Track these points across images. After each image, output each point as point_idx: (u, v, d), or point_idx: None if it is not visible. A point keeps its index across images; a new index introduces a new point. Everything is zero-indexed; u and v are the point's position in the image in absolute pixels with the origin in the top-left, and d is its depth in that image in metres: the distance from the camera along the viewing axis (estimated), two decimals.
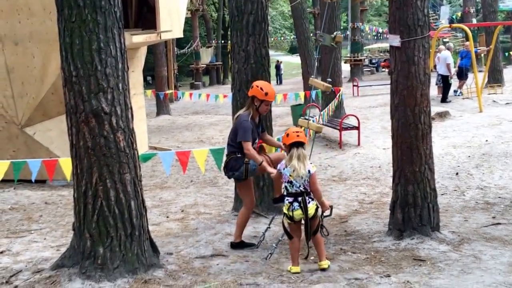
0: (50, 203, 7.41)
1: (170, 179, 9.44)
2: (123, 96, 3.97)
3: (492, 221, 5.67)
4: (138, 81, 10.48)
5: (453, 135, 10.88)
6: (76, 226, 4.11)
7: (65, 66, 3.86)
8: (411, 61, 4.75)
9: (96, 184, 3.91)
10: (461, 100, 14.92)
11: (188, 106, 20.94)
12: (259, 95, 4.73)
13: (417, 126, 4.82)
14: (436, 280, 3.99)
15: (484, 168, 8.42)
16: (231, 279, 4.09)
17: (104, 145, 3.87)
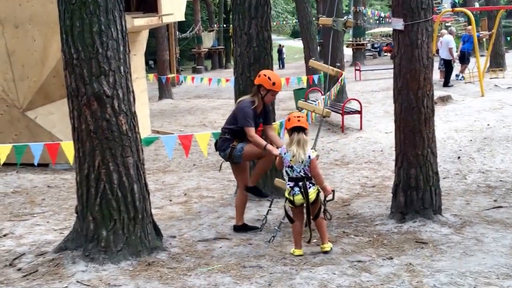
0: (52, 186, 7.40)
1: (173, 162, 9.42)
2: (124, 79, 3.92)
3: (493, 204, 5.66)
4: (140, 64, 10.40)
5: (455, 119, 10.83)
6: (79, 209, 4.09)
7: (66, 48, 3.80)
8: (414, 44, 4.69)
9: (98, 167, 3.88)
10: (463, 84, 14.82)
11: (191, 90, 20.83)
12: (267, 84, 4.63)
13: (420, 110, 4.77)
14: (438, 262, 3.98)
15: (485, 152, 8.38)
16: (234, 262, 4.09)
17: (106, 128, 3.83)
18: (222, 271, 3.89)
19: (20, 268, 4.03)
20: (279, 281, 3.67)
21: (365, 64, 23.18)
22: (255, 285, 3.62)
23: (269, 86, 4.63)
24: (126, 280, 3.69)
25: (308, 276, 3.73)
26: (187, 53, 32.93)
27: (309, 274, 3.77)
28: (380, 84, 15.75)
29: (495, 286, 3.51)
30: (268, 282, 3.66)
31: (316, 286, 3.57)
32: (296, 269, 3.89)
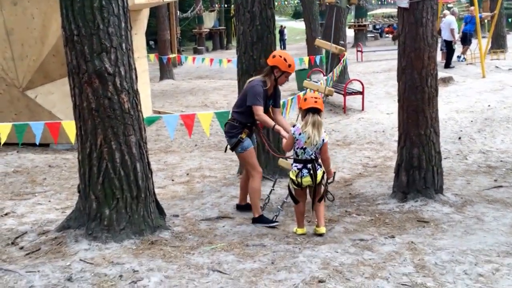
0: (54, 166, 7.37)
1: (174, 143, 9.38)
2: (126, 56, 3.84)
3: (494, 184, 5.65)
4: (141, 44, 10.26)
5: (456, 100, 10.77)
6: (81, 188, 4.06)
7: (66, 24, 3.71)
8: (419, 22, 4.62)
9: (101, 146, 3.83)
10: (464, 65, 14.71)
11: (192, 71, 20.68)
12: (283, 66, 4.45)
13: (423, 89, 4.71)
14: (440, 240, 3.98)
15: (486, 132, 8.35)
16: (237, 241, 4.08)
17: (108, 106, 3.77)
18: (225, 249, 3.89)
19: (23, 247, 4.02)
20: (282, 259, 3.67)
21: (366, 45, 22.97)
22: (258, 263, 3.61)
23: (284, 68, 4.47)
24: (130, 259, 3.68)
25: (311, 254, 3.73)
26: (188, 33, 32.61)
27: (312, 252, 3.77)
28: (382, 66, 15.63)
29: (495, 263, 3.51)
30: (271, 260, 3.66)
31: (319, 264, 3.57)
32: (299, 248, 3.88)
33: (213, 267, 3.56)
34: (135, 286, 3.30)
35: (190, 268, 3.56)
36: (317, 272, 3.43)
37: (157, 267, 3.55)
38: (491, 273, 3.38)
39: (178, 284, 3.32)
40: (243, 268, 3.55)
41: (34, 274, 3.43)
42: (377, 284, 3.26)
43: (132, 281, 3.35)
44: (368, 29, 26.18)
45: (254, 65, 5.49)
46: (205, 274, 3.46)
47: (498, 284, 3.23)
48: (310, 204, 4.29)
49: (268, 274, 3.44)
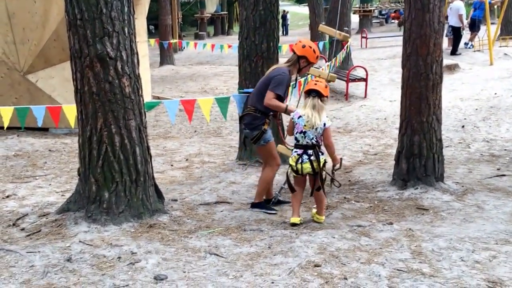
0: (54, 150, 7.48)
1: (173, 129, 9.48)
2: (129, 40, 3.91)
3: (496, 173, 5.72)
4: (142, 28, 10.29)
5: (461, 88, 10.80)
6: (81, 171, 4.16)
7: (69, 9, 3.79)
8: (426, 8, 4.64)
9: (101, 129, 3.92)
10: (471, 52, 14.67)
11: (193, 57, 20.70)
12: (311, 57, 4.40)
13: (428, 76, 4.76)
14: (438, 228, 4.06)
15: (491, 121, 8.40)
16: (235, 225, 4.18)
17: (109, 90, 3.85)
18: (222, 234, 3.99)
19: (24, 228, 4.13)
20: (278, 244, 3.76)
21: (371, 31, 22.88)
22: (255, 248, 3.71)
23: (313, 59, 4.42)
24: (128, 241, 3.78)
25: (307, 239, 3.82)
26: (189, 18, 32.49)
27: (309, 237, 3.86)
28: (387, 52, 15.62)
29: (493, 251, 3.60)
30: (268, 244, 3.76)
31: (315, 249, 3.66)
32: (296, 233, 3.98)
33: (210, 250, 3.66)
34: (133, 267, 3.41)
35: (187, 251, 3.66)
36: (313, 257, 3.53)
37: (155, 249, 3.66)
38: (488, 260, 3.47)
39: (175, 266, 3.42)
40: (240, 252, 3.65)
41: (35, 255, 3.55)
42: (373, 269, 3.35)
43: (130, 263, 3.46)
44: (373, 15, 26.04)
45: (255, 50, 5.55)
46: (202, 257, 3.56)
47: (494, 271, 3.31)
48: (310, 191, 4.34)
49: (265, 258, 3.54)
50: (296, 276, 3.26)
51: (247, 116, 4.49)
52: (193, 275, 3.31)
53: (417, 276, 3.23)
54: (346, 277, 3.25)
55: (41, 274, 3.30)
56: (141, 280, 3.24)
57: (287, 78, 4.36)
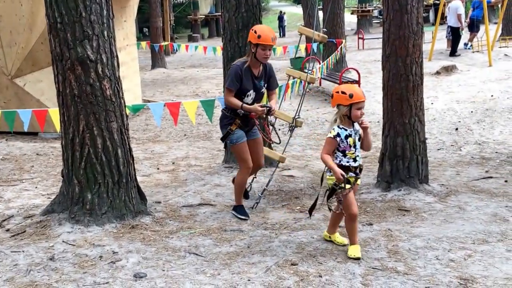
0: (41, 154, 7.70)
1: (163, 133, 9.71)
2: (108, 43, 4.14)
3: (484, 175, 5.93)
4: (130, 31, 10.54)
5: (458, 90, 11.02)
6: (64, 172, 4.39)
7: (50, 12, 4.02)
8: (403, 9, 4.87)
9: (83, 131, 4.15)
10: (470, 54, 14.88)
11: (185, 60, 20.98)
12: (252, 38, 4.37)
13: (408, 77, 4.99)
14: (417, 228, 4.28)
15: (485, 123, 8.63)
16: (216, 226, 4.40)
17: (90, 93, 4.08)
18: (203, 234, 4.21)
19: (9, 229, 4.36)
20: (258, 243, 3.98)
21: (370, 32, 23.17)
22: (234, 247, 3.93)
23: (254, 40, 4.35)
24: (110, 241, 4.01)
25: (286, 239, 4.05)
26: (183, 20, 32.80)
27: (288, 238, 4.09)
28: None
29: (469, 250, 3.82)
30: (247, 244, 3.98)
31: (293, 248, 3.88)
32: (276, 233, 4.20)
33: (190, 250, 3.89)
34: (114, 266, 3.63)
35: (167, 250, 3.88)
36: (291, 256, 3.75)
37: (136, 249, 3.88)
38: (463, 259, 3.68)
39: (154, 265, 3.64)
40: (219, 251, 3.87)
41: (19, 254, 3.78)
42: (348, 267, 3.57)
43: (111, 261, 3.68)
44: (373, 15, 26.35)
45: (239, 53, 5.74)
46: (181, 256, 3.78)
47: (468, 269, 3.53)
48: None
49: (243, 257, 3.76)
50: (273, 274, 3.48)
51: (221, 113, 4.63)
52: (172, 273, 3.53)
53: (391, 274, 3.45)
54: (321, 275, 3.47)
55: (24, 272, 3.53)
56: (121, 278, 3.45)
57: (234, 70, 4.37)
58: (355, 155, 3.74)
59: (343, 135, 3.70)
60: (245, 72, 4.43)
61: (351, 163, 3.73)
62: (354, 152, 3.74)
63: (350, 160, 3.73)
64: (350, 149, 3.72)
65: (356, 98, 3.63)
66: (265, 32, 4.38)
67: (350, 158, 3.73)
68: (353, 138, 3.73)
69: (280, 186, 5.59)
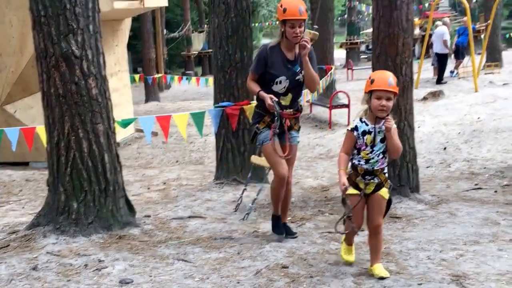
0: (31, 180, 7.58)
1: (155, 160, 9.65)
2: (94, 39, 4.03)
3: (474, 187, 5.88)
4: (122, 56, 10.52)
5: (445, 114, 11.07)
6: (50, 181, 4.26)
7: (33, 5, 3.92)
8: (393, 5, 4.74)
9: (68, 134, 4.02)
10: (457, 80, 15.04)
11: (179, 95, 21.06)
12: (279, 14, 3.73)
13: (398, 78, 4.85)
14: (409, 232, 4.20)
15: (473, 143, 8.62)
16: (206, 236, 4.28)
17: (75, 91, 3.96)
18: (192, 243, 4.09)
19: None
20: (248, 250, 3.87)
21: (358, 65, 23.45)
22: (224, 254, 3.82)
23: (281, 16, 3.72)
24: (96, 251, 3.87)
25: (277, 245, 3.94)
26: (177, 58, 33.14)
27: (279, 243, 3.98)
28: None
29: (460, 250, 3.73)
30: (237, 251, 3.86)
31: (284, 253, 3.78)
32: (267, 240, 4.09)
33: (178, 257, 3.76)
34: (99, 273, 3.50)
35: (155, 258, 3.76)
36: (282, 260, 3.65)
37: (123, 257, 3.75)
38: (455, 258, 3.60)
39: (141, 272, 3.51)
40: (208, 257, 3.75)
41: (1, 265, 3.64)
42: (340, 268, 3.47)
43: (97, 269, 3.55)
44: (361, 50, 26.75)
45: (229, 60, 5.65)
46: (169, 263, 3.66)
47: (460, 267, 3.44)
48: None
49: (233, 262, 3.64)
50: (263, 277, 3.37)
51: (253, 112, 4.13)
52: (159, 278, 3.40)
53: None
54: (312, 276, 3.36)
55: (5, 282, 3.39)
56: (106, 284, 3.33)
57: (259, 51, 3.87)
58: (369, 156, 3.19)
59: (361, 130, 3.20)
60: (274, 54, 3.79)
61: (362, 164, 3.21)
62: (370, 153, 3.19)
63: (362, 161, 3.21)
64: (366, 148, 3.20)
65: (376, 85, 3.09)
66: (291, 4, 3.70)
67: (362, 158, 3.21)
68: (372, 136, 3.18)
69: None
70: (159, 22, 19.47)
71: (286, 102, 3.89)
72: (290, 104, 3.91)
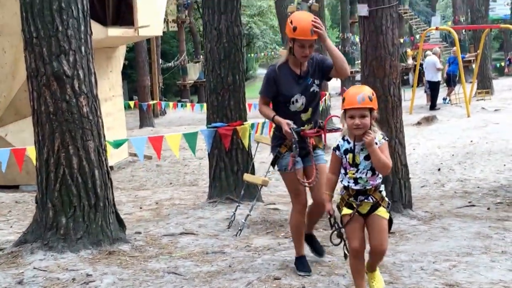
0: (21, 202, 7.50)
1: (148, 182, 9.58)
2: (86, 60, 4.06)
3: (467, 204, 5.86)
4: (116, 82, 10.62)
5: (439, 137, 11.16)
6: (38, 198, 4.20)
7: (25, 27, 3.96)
8: (379, 30, 4.92)
9: (58, 151, 3.99)
10: (449, 107, 15.24)
11: (174, 121, 21.13)
12: (288, 30, 3.42)
13: (386, 98, 4.98)
14: (402, 246, 4.16)
15: (466, 164, 8.65)
16: (197, 251, 4.21)
17: (66, 110, 3.96)
18: (184, 257, 4.02)
19: None
20: (240, 263, 3.81)
21: None
22: (215, 267, 3.75)
23: (290, 33, 3.41)
24: (85, 266, 3.79)
25: (270, 258, 3.88)
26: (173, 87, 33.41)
27: (271, 257, 3.92)
28: None
29: (453, 261, 3.69)
30: (229, 264, 3.80)
31: (277, 265, 3.72)
32: (259, 254, 4.03)
33: (169, 270, 3.69)
34: (87, 287, 3.42)
35: (145, 272, 3.69)
36: (274, 272, 3.58)
37: (112, 271, 3.68)
38: (448, 269, 3.55)
39: (131, 285, 3.44)
40: (200, 270, 3.68)
41: None
42: (332, 279, 3.41)
43: (84, 282, 3.48)
44: (356, 79, 27.05)
45: (222, 83, 5.72)
46: (159, 276, 3.59)
47: (453, 277, 3.39)
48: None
49: (224, 275, 3.58)
50: None
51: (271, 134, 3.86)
52: None
53: None
54: (304, 287, 3.30)
55: None
56: None
57: (267, 74, 3.61)
58: (356, 175, 3.00)
59: (343, 148, 3.03)
60: (283, 73, 3.55)
61: (352, 184, 3.01)
62: (356, 172, 3.00)
63: (351, 181, 3.01)
64: (351, 168, 3.01)
65: (347, 104, 2.96)
66: (302, 22, 3.38)
67: (350, 178, 3.01)
68: (354, 154, 3.00)
69: (265, 217, 5.43)
70: (154, 52, 19.70)
71: (307, 116, 3.59)
72: (311, 117, 3.61)
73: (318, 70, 3.60)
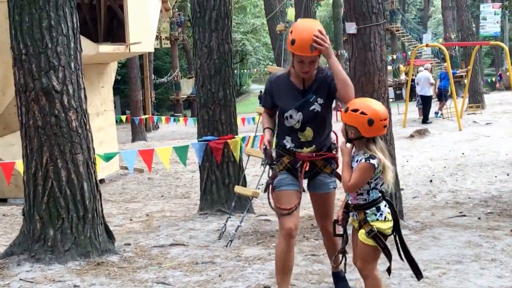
0: (8, 215, 7.46)
1: (140, 195, 9.53)
2: (75, 75, 4.08)
3: (458, 215, 5.88)
4: (108, 97, 10.64)
5: (431, 150, 11.23)
6: (26, 210, 4.18)
7: (15, 44, 3.99)
8: (367, 47, 5.01)
9: (46, 164, 3.99)
10: (441, 121, 15.36)
11: (167, 135, 21.13)
12: (288, 42, 3.07)
13: None
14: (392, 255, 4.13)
15: (458, 176, 8.70)
16: (187, 261, 4.19)
17: (55, 124, 3.97)
18: (173, 267, 4.00)
19: None
20: (230, 272, 3.80)
21: None
22: (205, 277, 3.74)
23: (289, 47, 3.05)
24: (72, 277, 3.77)
25: (260, 267, 3.87)
26: (166, 102, 33.48)
27: (261, 266, 3.92)
28: None
29: (443, 269, 3.70)
30: (218, 273, 3.79)
31: (267, 274, 3.71)
32: (249, 263, 4.02)
33: (158, 280, 3.67)
34: None
35: (134, 282, 3.66)
36: (264, 281, 3.57)
37: (100, 282, 3.66)
38: (438, 276, 3.56)
39: None
40: (189, 280, 3.67)
41: None
42: (323, 287, 3.40)
43: None
44: None
45: (212, 98, 5.78)
46: (148, 287, 3.57)
47: (443, 284, 3.40)
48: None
49: (214, 284, 3.56)
50: None
51: None
52: None
53: None
54: None
55: None
56: None
57: (266, 82, 3.37)
58: None
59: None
60: (280, 84, 3.21)
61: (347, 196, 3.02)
62: None
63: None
64: None
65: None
66: (302, 35, 2.99)
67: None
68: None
69: (256, 228, 5.42)
70: (147, 67, 19.79)
71: (305, 138, 3.16)
72: (313, 140, 3.17)
73: (324, 88, 3.13)
